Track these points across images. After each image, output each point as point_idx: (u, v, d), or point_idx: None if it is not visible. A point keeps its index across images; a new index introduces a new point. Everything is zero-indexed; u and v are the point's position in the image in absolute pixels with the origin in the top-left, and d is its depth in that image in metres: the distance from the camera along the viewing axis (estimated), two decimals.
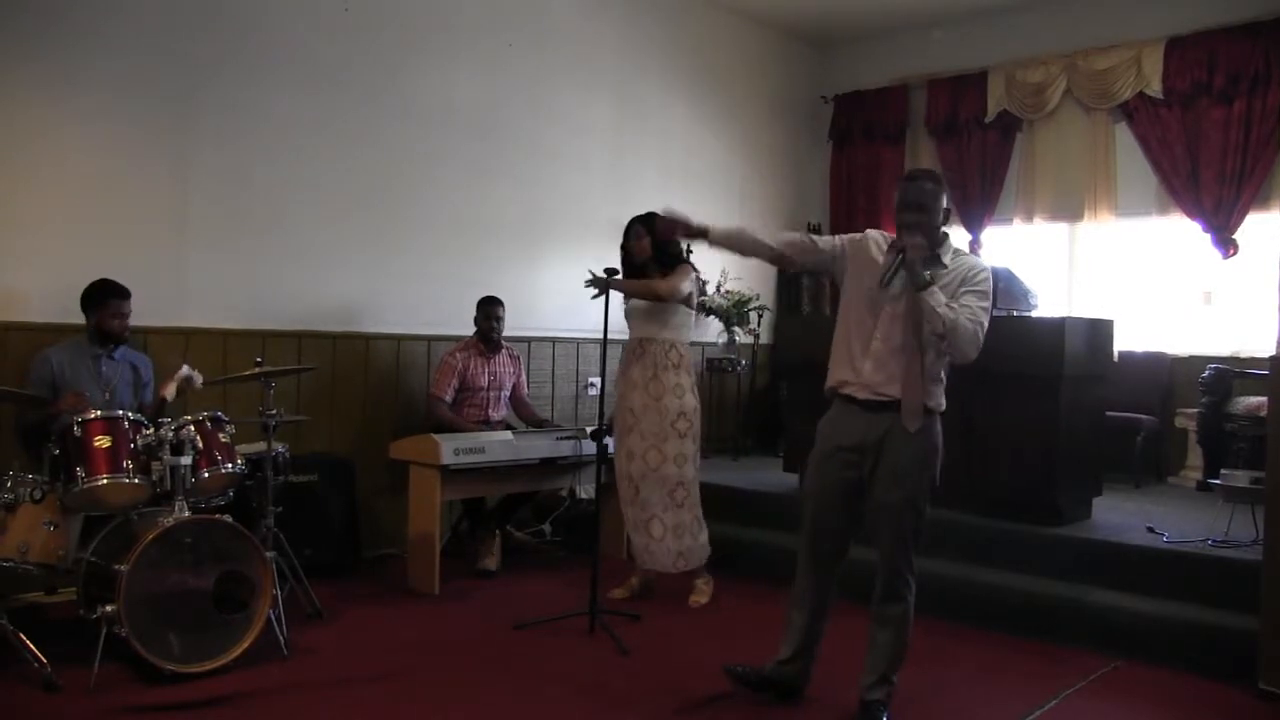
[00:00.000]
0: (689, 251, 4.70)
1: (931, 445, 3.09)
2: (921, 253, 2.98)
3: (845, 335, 3.18)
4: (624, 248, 4.52)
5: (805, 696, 3.35)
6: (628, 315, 4.51)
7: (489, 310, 5.22)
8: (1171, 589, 4.00)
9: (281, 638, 3.62)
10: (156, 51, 4.52)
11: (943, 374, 3.11)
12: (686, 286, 4.40)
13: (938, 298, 2.93)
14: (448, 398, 5.11)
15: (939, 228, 3.07)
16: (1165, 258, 6.44)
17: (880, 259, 3.10)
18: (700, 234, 3.27)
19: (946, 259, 3.05)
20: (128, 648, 3.27)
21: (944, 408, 3.13)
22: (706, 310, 6.57)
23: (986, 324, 2.98)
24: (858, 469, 3.12)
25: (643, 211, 4.48)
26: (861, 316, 3.12)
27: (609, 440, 4.42)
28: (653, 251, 4.40)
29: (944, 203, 3.08)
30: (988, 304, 2.99)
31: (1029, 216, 6.92)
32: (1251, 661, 3.50)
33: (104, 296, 3.98)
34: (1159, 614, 3.87)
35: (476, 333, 5.24)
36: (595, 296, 4.20)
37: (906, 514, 3.07)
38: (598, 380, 5.84)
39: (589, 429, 4.78)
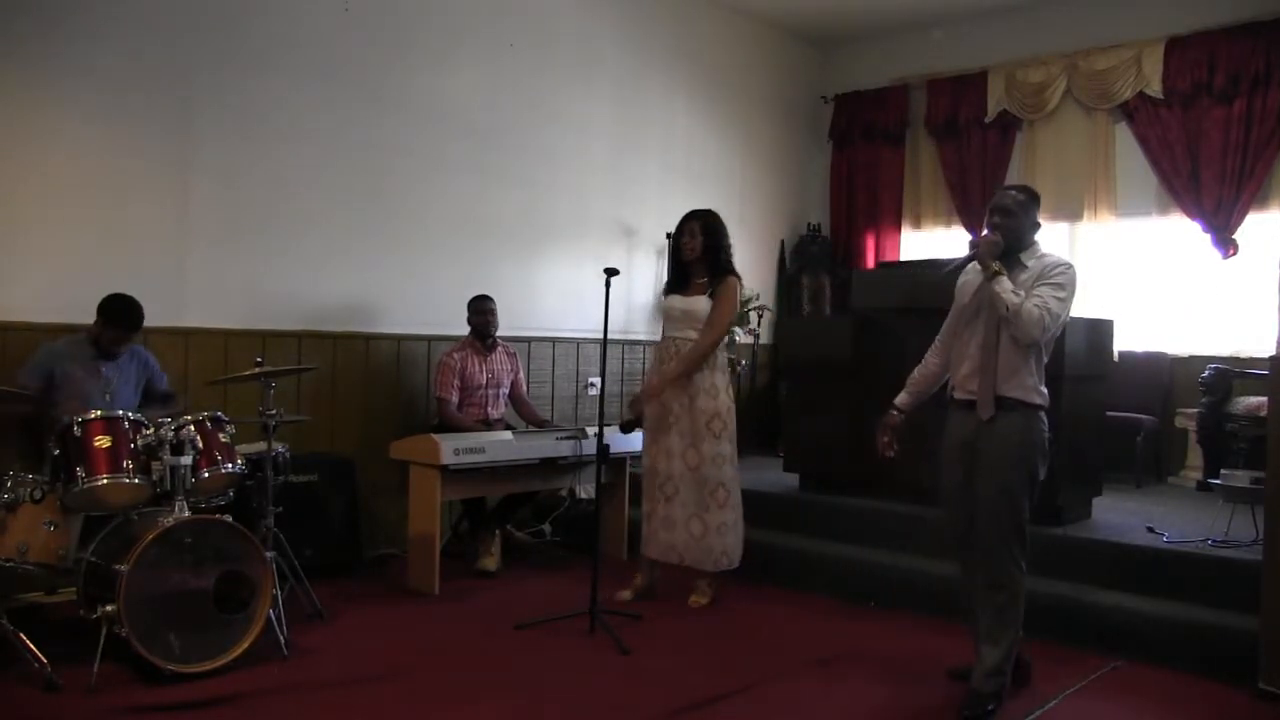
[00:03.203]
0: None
1: (1027, 439, 3.26)
2: (994, 248, 3.25)
3: (947, 346, 3.50)
4: (674, 240, 4.45)
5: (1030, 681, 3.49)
6: (667, 314, 4.44)
7: (480, 306, 5.24)
8: (1171, 589, 4.00)
9: (281, 638, 3.62)
10: (157, 52, 4.52)
11: (1033, 368, 3.26)
12: (732, 309, 4.41)
13: (1004, 285, 3.19)
14: (454, 398, 5.12)
15: (1023, 233, 3.32)
16: (1165, 258, 6.44)
17: (973, 278, 3.37)
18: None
19: (1030, 261, 3.30)
20: (128, 648, 3.27)
21: (1039, 402, 3.28)
22: None
23: (1060, 310, 3.20)
24: (966, 463, 3.33)
25: (699, 209, 4.46)
26: (960, 328, 3.43)
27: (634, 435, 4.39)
28: (703, 253, 4.36)
29: (1033, 215, 3.35)
30: (1063, 294, 3.22)
31: None
32: (1251, 661, 3.49)
33: (113, 320, 3.94)
34: (1159, 614, 3.87)
35: (471, 331, 5.25)
36: None
37: (1001, 505, 3.24)
38: (598, 380, 5.84)
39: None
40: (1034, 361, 3.27)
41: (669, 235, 4.57)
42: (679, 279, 4.45)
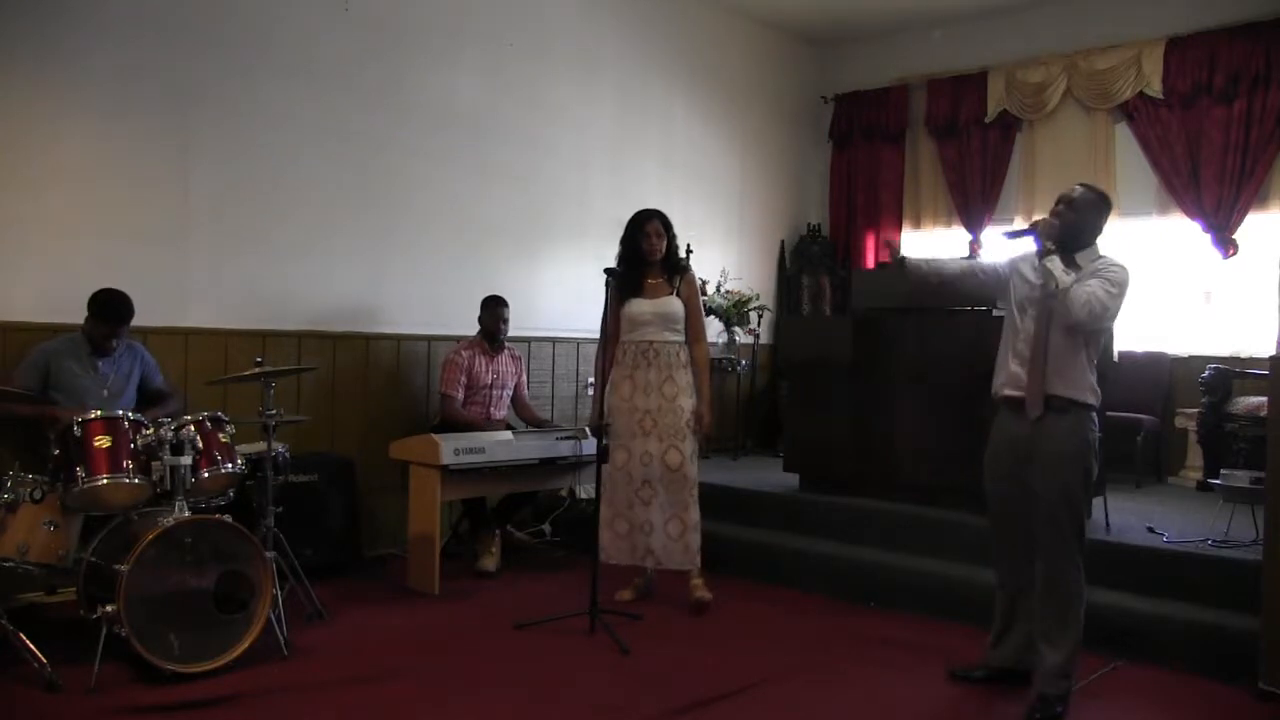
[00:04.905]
0: (689, 252, 4.68)
1: (1081, 437, 3.23)
2: (1050, 228, 3.21)
3: (1004, 345, 3.43)
4: (632, 241, 4.41)
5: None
6: (634, 319, 4.37)
7: (496, 310, 5.22)
8: (1171, 589, 4.00)
9: (281, 638, 3.63)
10: (157, 51, 4.53)
11: (1084, 364, 3.23)
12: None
13: (1057, 264, 3.15)
14: (459, 395, 5.11)
15: (1083, 231, 3.26)
16: (1165, 258, 6.44)
17: (1030, 275, 3.31)
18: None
19: (1085, 262, 3.24)
20: (128, 648, 3.27)
21: (1091, 401, 3.25)
22: (706, 310, 6.56)
23: (1109, 303, 3.14)
24: (1019, 461, 3.31)
25: (649, 208, 4.46)
26: (1015, 325, 3.37)
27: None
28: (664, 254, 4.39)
29: (1096, 218, 3.29)
30: (1115, 289, 3.17)
31: (1029, 216, 6.91)
32: (1251, 661, 3.50)
33: (99, 314, 3.95)
34: (1159, 614, 3.87)
35: (481, 332, 5.24)
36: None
37: (1060, 507, 3.22)
38: None
39: (589, 426, 4.75)
40: (1084, 358, 3.23)
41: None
42: (633, 280, 4.40)
